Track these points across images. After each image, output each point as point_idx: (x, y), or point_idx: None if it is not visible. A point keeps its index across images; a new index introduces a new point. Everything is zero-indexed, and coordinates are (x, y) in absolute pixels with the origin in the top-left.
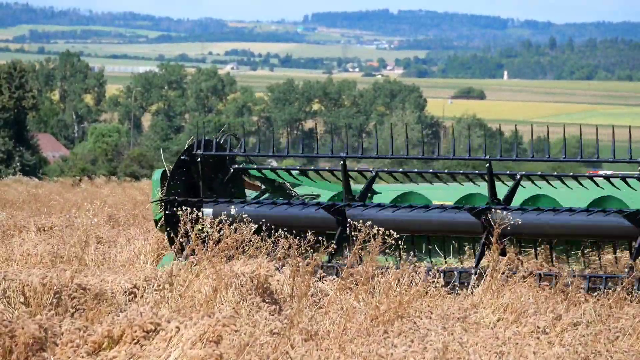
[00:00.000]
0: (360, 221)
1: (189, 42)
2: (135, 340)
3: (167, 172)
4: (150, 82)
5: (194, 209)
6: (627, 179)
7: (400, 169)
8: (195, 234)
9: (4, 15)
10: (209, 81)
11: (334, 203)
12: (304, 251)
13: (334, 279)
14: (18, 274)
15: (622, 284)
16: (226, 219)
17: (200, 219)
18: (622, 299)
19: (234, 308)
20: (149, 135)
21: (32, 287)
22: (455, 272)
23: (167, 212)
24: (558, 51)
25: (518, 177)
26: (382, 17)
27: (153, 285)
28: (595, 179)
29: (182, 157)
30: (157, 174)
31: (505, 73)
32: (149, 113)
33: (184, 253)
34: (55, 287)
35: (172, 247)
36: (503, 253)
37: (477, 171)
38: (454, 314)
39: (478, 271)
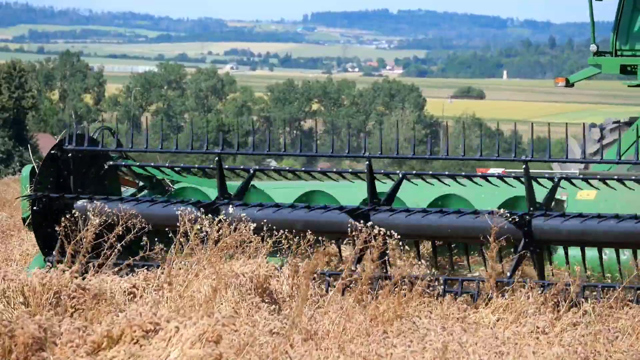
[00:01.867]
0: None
1: (188, 42)
2: (135, 340)
3: (36, 168)
4: (150, 81)
5: (65, 206)
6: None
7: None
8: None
9: (4, 15)
10: (208, 81)
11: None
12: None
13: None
14: (17, 273)
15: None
16: (98, 216)
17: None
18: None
19: (233, 308)
20: (148, 135)
21: (31, 287)
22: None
23: (35, 208)
24: (558, 51)
25: (400, 176)
26: (381, 16)
27: (152, 285)
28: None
29: (52, 152)
30: (26, 170)
31: (505, 72)
32: (148, 112)
33: (53, 254)
34: (54, 287)
35: (54, 247)
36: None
37: (350, 170)
38: (453, 314)
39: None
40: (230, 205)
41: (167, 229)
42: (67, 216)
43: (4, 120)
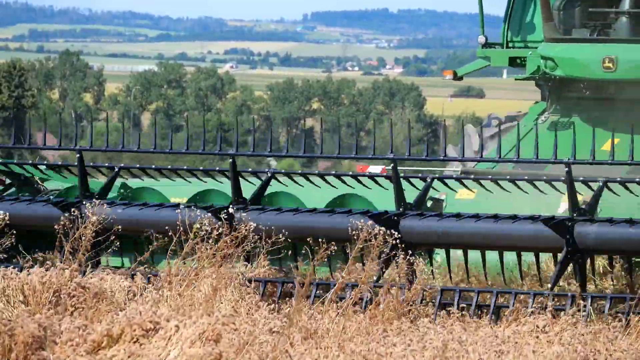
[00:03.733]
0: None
1: (188, 41)
2: (135, 339)
3: None
4: (150, 81)
5: None
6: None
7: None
8: None
9: (3, 14)
10: (208, 80)
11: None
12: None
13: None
14: (17, 272)
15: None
16: None
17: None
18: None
19: (233, 307)
20: (148, 134)
21: (31, 286)
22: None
23: None
24: None
25: (269, 174)
26: (381, 16)
27: (152, 284)
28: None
29: None
30: None
31: (505, 72)
32: (148, 112)
33: None
34: (54, 286)
35: None
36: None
37: (217, 168)
38: (453, 312)
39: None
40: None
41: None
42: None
43: (3, 119)
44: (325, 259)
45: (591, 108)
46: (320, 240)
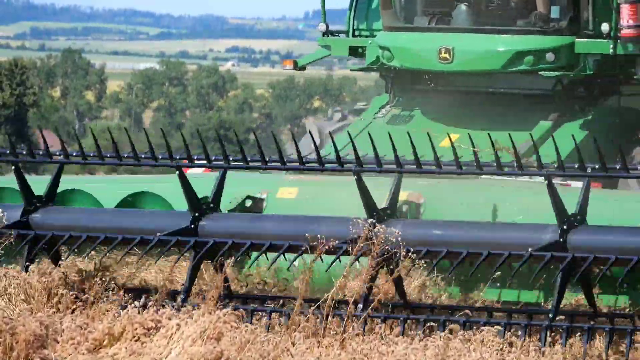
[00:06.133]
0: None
1: (189, 39)
2: (136, 338)
3: None
4: (151, 78)
5: None
6: None
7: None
8: None
9: (5, 12)
10: (209, 78)
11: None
12: None
13: None
14: (19, 271)
15: None
16: None
17: None
18: None
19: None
20: (149, 132)
21: (32, 285)
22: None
23: None
24: None
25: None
26: None
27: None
28: None
29: None
30: None
31: None
32: (149, 110)
33: None
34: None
35: None
36: None
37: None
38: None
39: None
40: None
41: None
42: None
43: (5, 117)
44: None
45: (432, 101)
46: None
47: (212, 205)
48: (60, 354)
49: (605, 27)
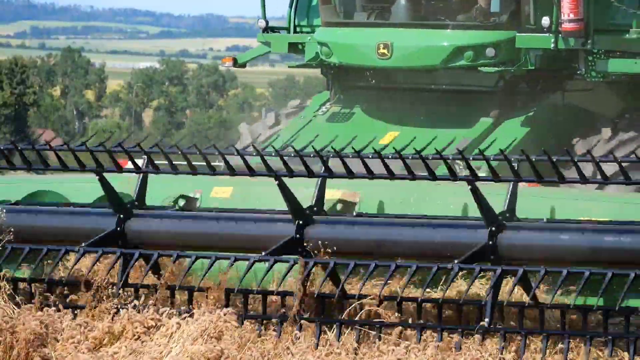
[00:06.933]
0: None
1: (189, 38)
2: (136, 336)
3: None
4: (151, 78)
5: None
6: None
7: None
8: None
9: (5, 11)
10: (209, 77)
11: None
12: None
13: None
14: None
15: None
16: None
17: None
18: None
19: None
20: (149, 131)
21: None
22: None
23: None
24: None
25: None
26: None
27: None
28: None
29: None
30: None
31: None
32: (150, 109)
33: None
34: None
35: None
36: None
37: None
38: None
39: None
40: None
41: None
42: None
43: (5, 116)
44: None
45: (373, 98)
46: None
47: (136, 203)
48: (60, 353)
49: (546, 21)
